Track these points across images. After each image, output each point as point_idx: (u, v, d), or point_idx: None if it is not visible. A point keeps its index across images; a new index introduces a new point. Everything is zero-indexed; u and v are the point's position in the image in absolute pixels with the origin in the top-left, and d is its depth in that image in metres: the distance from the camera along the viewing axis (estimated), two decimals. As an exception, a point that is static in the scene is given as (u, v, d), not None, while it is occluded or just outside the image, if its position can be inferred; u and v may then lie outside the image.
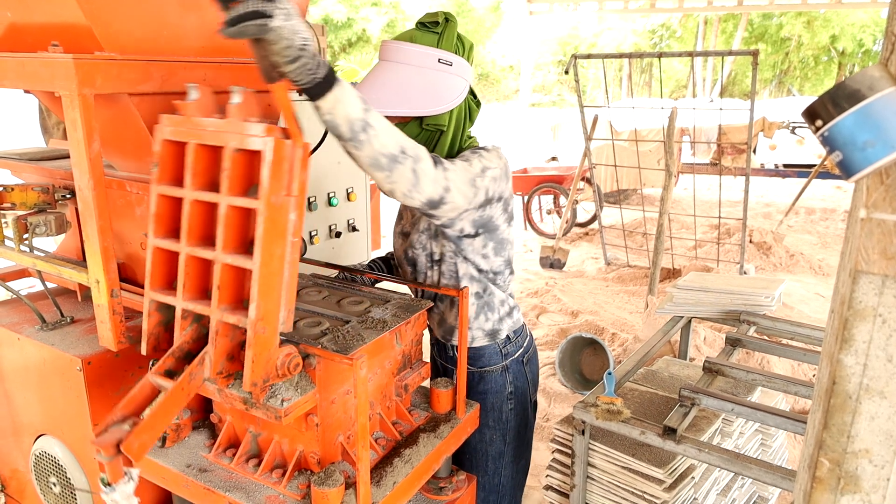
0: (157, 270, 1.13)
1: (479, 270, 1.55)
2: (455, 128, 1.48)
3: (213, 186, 1.07)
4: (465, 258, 1.53)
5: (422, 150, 1.26)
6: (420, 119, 1.43)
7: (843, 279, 0.76)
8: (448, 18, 1.43)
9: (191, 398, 1.13)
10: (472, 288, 1.56)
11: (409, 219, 1.63)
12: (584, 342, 3.63)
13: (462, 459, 1.74)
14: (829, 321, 0.79)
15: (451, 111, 1.45)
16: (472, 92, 1.51)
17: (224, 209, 1.03)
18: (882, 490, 0.77)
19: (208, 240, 1.08)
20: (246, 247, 1.08)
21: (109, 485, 1.10)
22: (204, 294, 1.11)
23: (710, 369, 1.67)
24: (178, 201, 1.09)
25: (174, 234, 1.12)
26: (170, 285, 1.14)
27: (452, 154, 1.50)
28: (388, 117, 1.37)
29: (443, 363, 1.71)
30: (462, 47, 1.46)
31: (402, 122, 1.44)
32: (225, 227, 1.03)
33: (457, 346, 1.63)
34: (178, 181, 1.08)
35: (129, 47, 1.26)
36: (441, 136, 1.47)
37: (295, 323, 1.29)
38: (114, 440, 1.06)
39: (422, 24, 1.43)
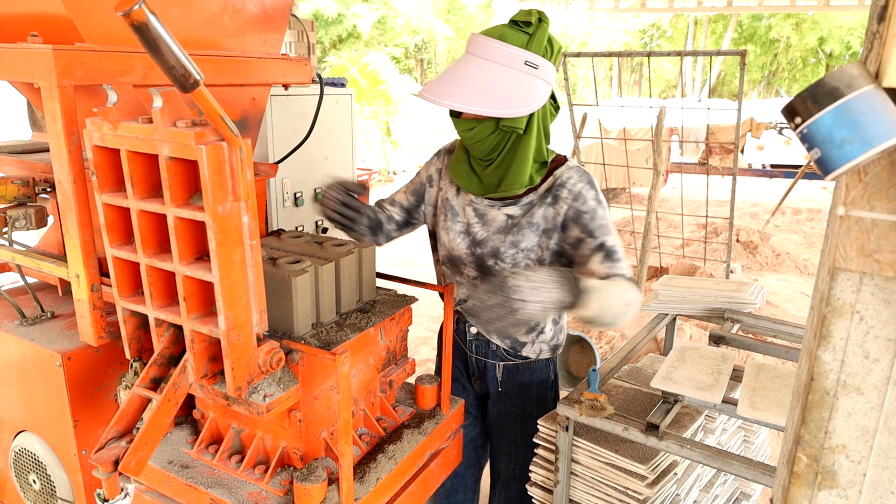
0: (123, 279, 1.11)
1: None
2: (538, 132, 1.46)
3: (157, 191, 1.03)
4: None
5: (632, 289, 1.38)
6: (497, 119, 1.41)
7: (822, 276, 0.76)
8: (542, 19, 1.41)
9: (179, 406, 1.12)
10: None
11: (485, 217, 1.57)
12: (572, 339, 3.65)
13: (500, 454, 1.77)
14: (809, 318, 0.79)
15: (532, 114, 1.42)
16: (552, 96, 1.48)
17: (172, 220, 0.99)
18: (858, 485, 0.78)
19: (165, 247, 1.05)
20: (204, 254, 1.04)
21: (106, 501, 1.11)
22: (173, 300, 1.09)
23: (694, 366, 1.67)
24: (126, 209, 1.05)
25: (130, 241, 1.09)
26: (139, 292, 1.12)
27: (539, 158, 1.49)
28: (464, 113, 1.44)
29: (477, 357, 1.70)
30: (550, 50, 1.43)
31: (477, 120, 1.43)
32: (177, 238, 1.00)
33: (515, 349, 1.66)
34: (121, 187, 1.05)
35: (111, 39, 1.25)
36: (520, 140, 1.45)
37: (275, 261, 1.25)
38: (111, 457, 1.06)
39: (514, 23, 1.40)
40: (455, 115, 1.48)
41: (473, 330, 1.68)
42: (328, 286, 1.28)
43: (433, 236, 1.72)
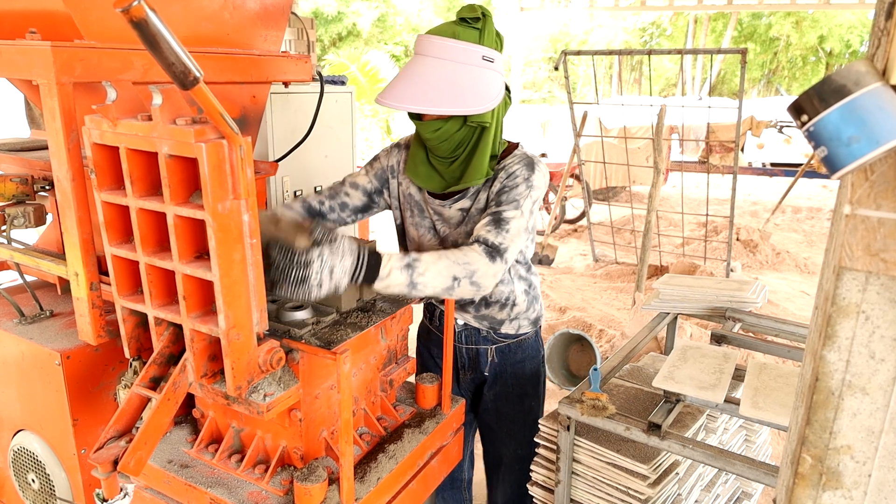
0: (122, 278, 1.10)
1: (527, 265, 1.66)
2: (496, 124, 1.49)
3: (156, 189, 1.02)
4: (515, 262, 1.62)
5: (473, 260, 1.36)
6: (463, 116, 1.43)
7: (827, 276, 0.76)
8: (485, 13, 1.43)
9: (179, 405, 1.12)
10: (521, 286, 1.65)
11: (442, 216, 1.59)
12: (572, 338, 3.64)
13: (500, 437, 1.79)
14: (813, 318, 0.78)
15: (494, 107, 1.45)
16: (506, 87, 1.52)
17: (172, 218, 0.99)
18: (863, 486, 0.77)
19: (164, 245, 1.05)
20: (204, 252, 1.04)
21: (105, 500, 1.10)
22: (172, 299, 1.09)
23: (696, 366, 1.67)
24: (125, 207, 1.05)
25: (129, 239, 1.08)
26: (138, 290, 1.12)
27: (495, 153, 1.50)
28: (426, 115, 1.44)
29: (468, 347, 1.72)
30: (499, 42, 1.46)
31: (443, 119, 1.43)
32: (177, 236, 0.99)
33: (495, 329, 1.69)
34: (120, 185, 1.04)
35: (110, 35, 1.24)
36: (483, 133, 1.47)
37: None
38: (111, 457, 1.06)
39: (463, 20, 1.41)
40: (416, 116, 1.48)
41: (461, 321, 1.69)
42: None
43: (401, 231, 1.71)
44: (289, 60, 1.62)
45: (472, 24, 1.41)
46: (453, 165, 1.51)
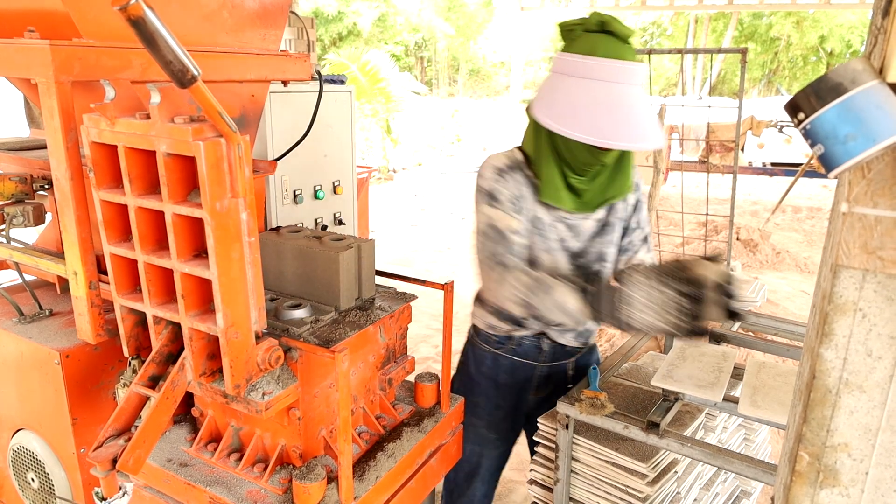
0: (121, 276, 1.10)
1: None
2: None
3: (155, 188, 1.03)
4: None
5: None
6: None
7: (825, 274, 0.76)
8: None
9: (178, 404, 1.12)
10: None
11: (575, 229, 1.54)
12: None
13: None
14: (811, 316, 0.78)
15: None
16: None
17: (170, 217, 0.99)
18: (861, 484, 0.77)
19: (163, 244, 1.05)
20: (203, 251, 1.04)
21: (105, 499, 1.10)
22: (171, 297, 1.09)
23: (695, 364, 1.67)
24: (124, 206, 1.05)
25: (128, 238, 1.08)
26: (137, 289, 1.12)
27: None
28: None
29: (551, 364, 1.68)
30: None
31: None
32: (175, 235, 1.00)
33: (586, 343, 1.70)
34: (119, 183, 1.04)
35: (108, 34, 1.24)
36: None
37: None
38: (110, 455, 1.06)
39: (626, 39, 1.35)
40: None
41: (562, 340, 1.66)
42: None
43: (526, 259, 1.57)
44: (288, 59, 1.62)
45: (628, 40, 1.37)
46: (597, 181, 1.48)
